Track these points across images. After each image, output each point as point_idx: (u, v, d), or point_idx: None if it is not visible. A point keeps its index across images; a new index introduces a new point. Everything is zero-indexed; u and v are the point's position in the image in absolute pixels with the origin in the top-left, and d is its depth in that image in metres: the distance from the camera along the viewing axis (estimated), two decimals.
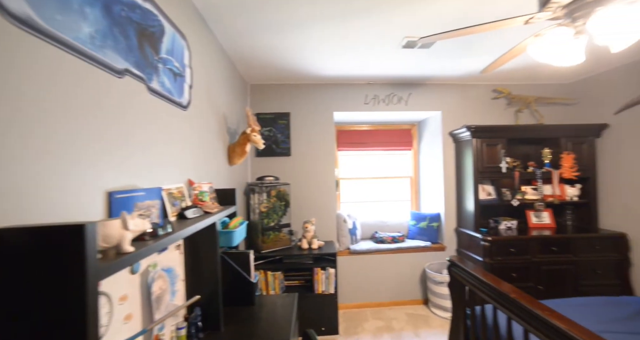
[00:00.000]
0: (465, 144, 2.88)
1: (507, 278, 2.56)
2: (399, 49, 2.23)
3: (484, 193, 2.89)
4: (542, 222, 2.92)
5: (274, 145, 2.97)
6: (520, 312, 1.25)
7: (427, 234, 3.14)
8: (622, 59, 2.55)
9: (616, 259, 2.61)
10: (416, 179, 3.58)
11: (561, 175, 2.82)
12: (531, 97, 3.05)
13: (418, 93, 3.06)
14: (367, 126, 3.59)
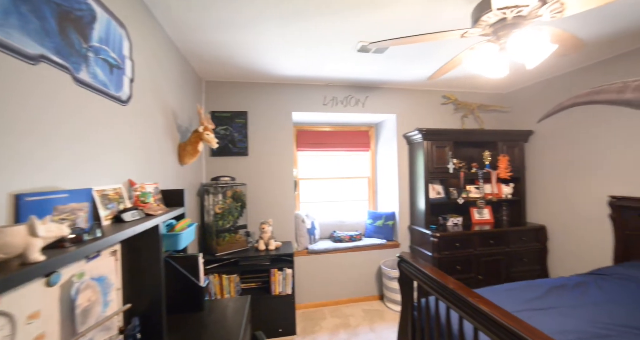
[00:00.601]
0: (418, 146, 3.07)
1: (453, 270, 2.78)
2: (354, 53, 2.30)
3: (434, 192, 3.10)
4: (483, 218, 3.22)
5: (231, 145, 2.88)
6: (456, 300, 1.36)
7: (383, 232, 3.27)
8: (545, 74, 2.91)
9: (537, 248, 2.98)
10: (373, 179, 3.72)
11: (498, 175, 3.13)
12: (474, 104, 3.34)
13: (374, 96, 3.19)
14: (327, 127, 3.64)
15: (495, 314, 1.13)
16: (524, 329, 1.02)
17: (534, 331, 1.01)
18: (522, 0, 1.16)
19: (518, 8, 1.22)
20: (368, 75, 2.83)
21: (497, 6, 1.21)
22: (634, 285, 1.89)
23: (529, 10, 1.26)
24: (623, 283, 1.94)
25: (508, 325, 1.06)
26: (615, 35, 2.11)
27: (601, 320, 1.56)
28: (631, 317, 1.58)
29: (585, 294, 1.87)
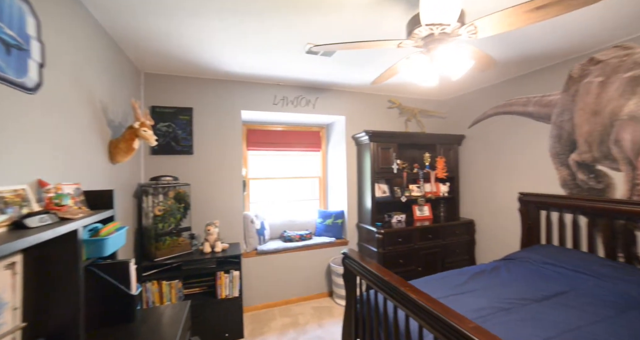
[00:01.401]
0: (365, 147, 3.22)
1: (396, 264, 2.98)
2: (303, 54, 2.33)
3: (380, 191, 3.28)
4: (424, 214, 3.50)
5: (174, 143, 2.70)
6: (392, 291, 1.46)
7: (332, 231, 3.37)
8: (475, 85, 3.27)
9: (467, 240, 3.35)
10: (324, 179, 3.81)
11: (436, 175, 3.44)
12: (416, 109, 3.62)
13: (324, 97, 3.26)
14: (280, 127, 3.62)
15: (421, 301, 1.25)
16: (443, 311, 1.14)
17: (449, 311, 1.13)
18: (444, 20, 1.30)
19: (442, 26, 1.36)
20: (318, 76, 2.89)
21: (425, 22, 1.34)
22: (530, 265, 2.25)
23: (452, 29, 1.41)
24: (524, 264, 2.29)
25: (431, 309, 1.17)
26: (522, 57, 2.47)
27: (507, 296, 1.83)
28: (526, 291, 1.89)
29: (498, 276, 2.16)
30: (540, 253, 2.41)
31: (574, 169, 2.51)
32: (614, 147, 2.23)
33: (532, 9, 1.23)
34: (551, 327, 1.51)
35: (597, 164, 2.35)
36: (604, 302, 1.72)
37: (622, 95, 2.17)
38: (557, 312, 1.66)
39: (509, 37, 2.11)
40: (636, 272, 1.93)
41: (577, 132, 2.47)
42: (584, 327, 1.50)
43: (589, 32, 2.07)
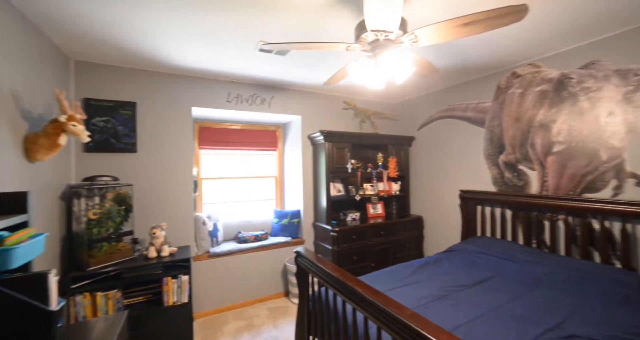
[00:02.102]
0: (320, 147, 3.27)
1: (350, 261, 3.07)
2: (257, 52, 2.29)
3: (335, 190, 3.36)
4: (377, 212, 3.66)
5: (114, 139, 2.46)
6: (340, 287, 1.50)
7: (288, 230, 3.36)
8: (424, 89, 3.52)
9: (417, 235, 3.59)
10: (281, 179, 3.78)
11: (388, 174, 3.62)
12: (370, 110, 3.78)
13: (280, 97, 3.24)
14: (236, 125, 3.51)
15: (366, 294, 1.30)
16: (385, 302, 1.21)
17: (390, 302, 1.20)
18: (387, 27, 1.38)
19: (386, 32, 1.44)
20: (273, 75, 2.86)
21: (370, 28, 1.40)
22: (467, 255, 2.50)
23: (395, 36, 1.50)
24: (462, 255, 2.53)
25: (374, 301, 1.24)
26: (461, 67, 2.72)
27: (446, 285, 2.01)
28: (462, 279, 2.10)
29: (440, 267, 2.36)
30: (476, 244, 2.67)
31: (502, 168, 2.84)
32: (530, 149, 2.57)
33: (461, 25, 1.36)
34: (479, 308, 1.69)
35: (519, 164, 2.69)
36: (519, 283, 1.99)
37: (534, 106, 2.52)
38: (485, 294, 1.87)
39: (449, 49, 2.31)
40: (543, 255, 2.25)
41: (504, 136, 2.79)
42: (504, 305, 1.72)
43: (510, 50, 2.36)
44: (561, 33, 2.08)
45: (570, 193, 2.34)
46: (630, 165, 2.04)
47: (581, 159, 2.27)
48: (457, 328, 1.50)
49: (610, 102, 2.11)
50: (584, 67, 2.24)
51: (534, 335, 1.41)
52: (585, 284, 1.84)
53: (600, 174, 2.18)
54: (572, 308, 1.65)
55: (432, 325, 1.03)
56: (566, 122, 2.34)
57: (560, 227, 2.37)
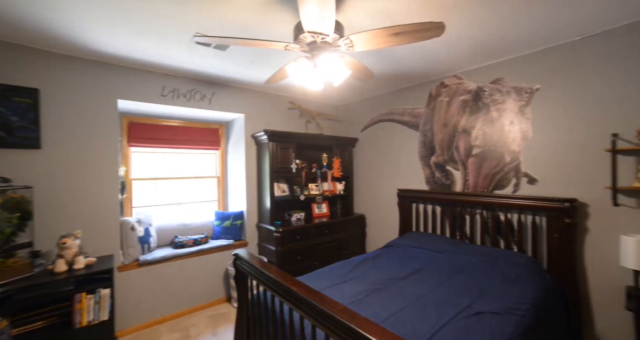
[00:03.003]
0: (264, 147, 3.22)
1: (294, 261, 3.07)
2: (195, 45, 2.15)
3: (280, 190, 3.33)
4: (322, 212, 3.73)
5: (4, 132, 2.05)
6: (278, 287, 1.49)
7: (231, 233, 3.23)
8: (367, 93, 3.70)
9: (360, 233, 3.76)
10: (223, 179, 3.62)
11: (333, 174, 3.72)
12: (315, 111, 3.84)
13: (222, 93, 3.10)
14: (175, 122, 3.25)
15: (301, 292, 1.31)
16: (317, 299, 1.23)
17: (323, 299, 1.23)
18: (323, 30, 1.41)
19: (322, 35, 1.48)
20: (214, 70, 2.72)
21: (307, 29, 1.42)
22: (402, 249, 2.71)
23: (331, 39, 1.55)
24: (398, 250, 2.72)
25: (307, 299, 1.25)
26: (399, 74, 2.93)
27: (381, 278, 2.13)
28: (396, 272, 2.26)
29: (378, 262, 2.50)
30: (410, 239, 2.90)
31: (433, 168, 3.13)
32: (455, 152, 2.89)
33: (391, 34, 1.46)
34: (408, 297, 1.84)
35: (447, 165, 3.00)
36: (444, 272, 2.21)
37: (458, 113, 2.84)
38: (415, 284, 2.04)
39: (387, 57, 2.47)
40: (464, 246, 2.55)
41: (435, 139, 3.09)
42: (429, 293, 1.90)
43: (438, 62, 2.62)
44: (476, 51, 2.38)
45: (485, 190, 2.69)
46: (524, 166, 2.43)
47: (492, 160, 2.63)
48: (388, 318, 1.60)
49: (510, 113, 2.48)
50: (493, 82, 2.60)
51: (449, 317, 1.59)
52: (492, 268, 2.13)
53: (505, 173, 2.55)
54: (480, 289, 1.90)
55: (361, 318, 1.08)
56: (482, 128, 2.68)
57: (477, 220, 2.70)
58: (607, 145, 1.99)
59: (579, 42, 2.16)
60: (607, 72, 2.03)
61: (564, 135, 2.23)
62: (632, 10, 1.81)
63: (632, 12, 1.83)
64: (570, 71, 2.19)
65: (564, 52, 2.22)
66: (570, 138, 2.20)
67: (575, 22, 1.93)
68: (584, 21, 1.93)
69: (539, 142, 2.35)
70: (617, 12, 1.83)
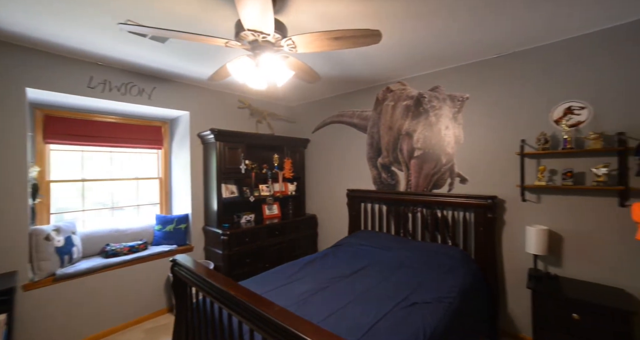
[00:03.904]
0: (211, 146, 3.07)
1: (243, 264, 2.98)
2: (130, 34, 1.97)
3: (228, 191, 3.20)
4: (273, 213, 3.68)
5: None
6: (217, 293, 1.42)
7: (174, 237, 3.01)
8: (319, 95, 3.75)
9: (311, 233, 3.80)
10: (167, 180, 3.37)
11: (284, 175, 3.70)
12: (266, 111, 3.78)
13: (164, 89, 2.88)
14: (112, 118, 2.93)
15: (239, 296, 1.27)
16: (254, 301, 1.21)
17: (260, 301, 1.21)
18: (264, 29, 1.39)
19: (263, 34, 1.46)
20: (154, 63, 2.52)
21: (247, 27, 1.39)
22: (350, 248, 2.80)
23: (274, 39, 1.54)
24: (347, 248, 2.81)
25: (245, 302, 1.22)
26: (348, 78, 3.03)
27: (327, 277, 2.17)
28: (342, 270, 2.32)
29: (326, 262, 2.55)
30: (358, 237, 3.01)
31: (380, 169, 3.29)
32: (399, 153, 3.08)
33: (331, 38, 1.50)
34: (352, 293, 1.90)
35: (392, 166, 3.17)
36: (387, 268, 2.33)
37: (402, 117, 3.03)
38: (360, 281, 2.11)
39: (336, 60, 2.53)
40: (406, 242, 2.73)
41: (381, 141, 3.25)
42: (373, 288, 1.98)
43: (384, 68, 2.77)
44: (416, 60, 2.56)
45: (425, 190, 2.90)
46: (457, 167, 2.68)
47: (431, 162, 2.85)
48: (330, 315, 1.64)
49: (446, 119, 2.72)
50: (431, 90, 2.83)
51: (388, 309, 1.68)
52: (429, 261, 2.31)
53: (442, 174, 2.79)
54: (418, 282, 2.05)
55: (295, 318, 1.08)
56: (422, 132, 2.89)
57: (418, 218, 2.91)
58: (518, 149, 2.29)
59: (495, 60, 2.45)
60: (515, 86, 2.35)
61: (488, 139, 2.51)
62: (532, 37, 2.11)
63: (532, 38, 2.14)
64: (491, 84, 2.48)
65: (486, 66, 2.51)
66: (492, 142, 2.48)
67: (492, 41, 2.18)
68: (499, 41, 2.19)
69: (469, 146, 2.61)
70: (518, 39, 2.12)
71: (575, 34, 2.09)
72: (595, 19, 1.91)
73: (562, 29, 2.02)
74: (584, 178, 2.07)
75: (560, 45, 2.17)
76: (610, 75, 1.99)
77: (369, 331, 1.47)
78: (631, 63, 1.91)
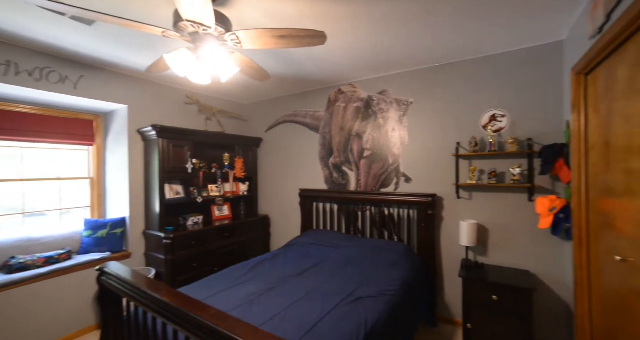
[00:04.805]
0: (153, 144, 2.83)
1: (189, 268, 2.81)
2: (42, 11, 1.72)
3: (172, 192, 2.99)
4: (223, 214, 3.53)
5: None
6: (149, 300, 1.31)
7: (107, 244, 2.71)
8: (273, 93, 3.69)
9: (264, 234, 3.73)
10: (99, 180, 3.02)
11: (235, 174, 3.57)
12: (215, 108, 3.62)
13: (94, 78, 2.58)
14: (27, 107, 2.53)
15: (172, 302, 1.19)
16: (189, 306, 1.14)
17: (196, 305, 1.15)
18: (203, 21, 1.32)
19: (204, 26, 1.39)
20: (80, 49, 2.24)
21: (184, 17, 1.31)
22: (301, 247, 2.81)
23: (216, 32, 1.47)
24: (298, 247, 2.81)
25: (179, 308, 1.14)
26: (301, 77, 3.03)
27: (276, 277, 2.15)
28: (292, 269, 2.31)
29: (276, 262, 2.52)
30: (309, 236, 3.03)
31: (331, 169, 3.35)
32: (350, 154, 3.18)
33: (277, 36, 1.49)
34: (299, 292, 1.90)
35: (343, 166, 3.26)
36: (336, 265, 2.39)
37: (352, 118, 3.14)
38: (308, 280, 2.13)
39: (287, 59, 2.51)
40: (355, 239, 2.83)
41: (333, 141, 3.32)
42: (321, 285, 2.01)
43: (335, 70, 2.83)
44: (364, 64, 2.67)
45: (373, 189, 3.04)
46: (402, 167, 2.86)
47: (379, 162, 2.99)
48: (276, 315, 1.62)
49: (393, 121, 2.88)
50: (380, 93, 2.97)
51: (333, 305, 1.72)
52: (375, 257, 2.42)
53: (389, 173, 2.95)
54: (364, 277, 2.13)
55: (233, 321, 1.05)
56: (371, 133, 3.02)
57: (367, 216, 3.03)
58: (454, 151, 2.52)
59: (435, 68, 2.67)
60: (452, 93, 2.58)
61: (429, 141, 2.71)
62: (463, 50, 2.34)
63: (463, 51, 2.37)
64: (432, 90, 2.69)
65: (429, 73, 2.71)
66: (432, 144, 2.69)
67: (433, 50, 2.37)
68: (438, 52, 2.39)
69: (413, 147, 2.80)
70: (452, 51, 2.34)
71: (497, 51, 2.37)
72: (511, 41, 2.18)
73: (487, 45, 2.28)
74: (504, 177, 2.36)
75: (487, 60, 2.44)
76: (520, 89, 2.30)
77: (312, 329, 1.48)
78: (535, 80, 2.24)
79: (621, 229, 1.35)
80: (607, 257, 1.47)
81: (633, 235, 1.25)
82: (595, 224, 1.63)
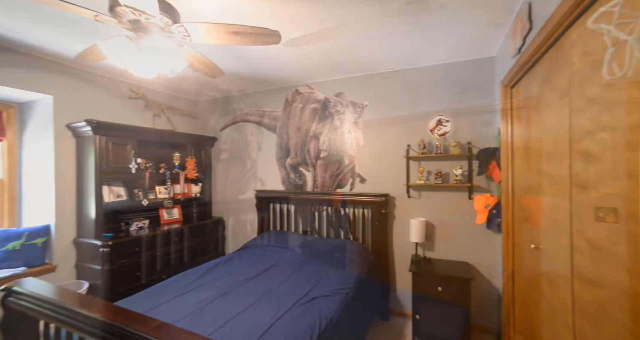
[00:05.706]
0: (87, 141, 2.53)
1: (130, 279, 2.57)
2: None
3: (113, 195, 2.70)
4: (173, 217, 3.29)
5: None
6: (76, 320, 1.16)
7: (22, 257, 2.32)
8: (228, 92, 3.54)
9: (218, 238, 3.57)
10: (12, 183, 2.60)
11: (187, 175, 3.36)
12: (164, 105, 3.36)
13: (8, 61, 2.21)
14: None
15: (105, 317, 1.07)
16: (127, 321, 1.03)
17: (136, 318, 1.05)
18: (145, 8, 1.22)
19: (146, 14, 1.28)
20: None
21: (123, 2, 1.19)
22: (257, 249, 2.75)
23: (163, 23, 1.36)
24: (253, 250, 2.75)
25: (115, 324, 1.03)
26: (258, 76, 2.96)
27: (230, 282, 2.07)
28: (247, 273, 2.25)
29: (230, 266, 2.42)
30: (266, 238, 2.97)
31: (288, 170, 3.33)
32: (307, 154, 3.19)
33: (230, 32, 1.43)
34: (254, 296, 1.85)
35: (300, 166, 3.26)
36: (292, 267, 2.38)
37: (310, 120, 3.15)
38: (263, 282, 2.08)
39: (244, 57, 2.44)
40: (312, 240, 2.85)
41: (290, 142, 3.30)
42: (277, 287, 1.99)
43: (293, 71, 2.82)
44: (319, 66, 2.70)
45: (330, 189, 3.08)
46: (358, 168, 2.96)
47: (336, 163, 3.05)
48: (228, 321, 1.55)
49: (348, 123, 2.97)
50: (337, 95, 3.03)
51: (288, 307, 1.70)
52: (331, 257, 2.46)
53: (345, 174, 3.02)
54: (319, 277, 2.15)
55: (177, 332, 0.98)
56: (328, 134, 3.06)
57: (324, 216, 3.07)
58: (405, 153, 2.68)
59: (389, 74, 2.81)
60: (404, 98, 2.75)
61: (382, 144, 2.84)
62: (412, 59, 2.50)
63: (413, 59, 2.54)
64: (385, 94, 2.83)
65: (382, 79, 2.84)
66: (385, 146, 2.83)
67: (384, 57, 2.49)
68: (388, 59, 2.52)
69: (367, 149, 2.90)
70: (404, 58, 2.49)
71: (441, 61, 2.58)
72: (452, 53, 2.40)
73: (432, 56, 2.47)
74: (448, 177, 2.57)
75: (432, 69, 2.64)
76: (462, 98, 2.53)
77: (266, 332, 1.45)
78: (473, 89, 2.49)
79: (535, 222, 1.57)
80: (526, 246, 1.69)
81: (542, 226, 1.45)
82: (518, 218, 1.87)
